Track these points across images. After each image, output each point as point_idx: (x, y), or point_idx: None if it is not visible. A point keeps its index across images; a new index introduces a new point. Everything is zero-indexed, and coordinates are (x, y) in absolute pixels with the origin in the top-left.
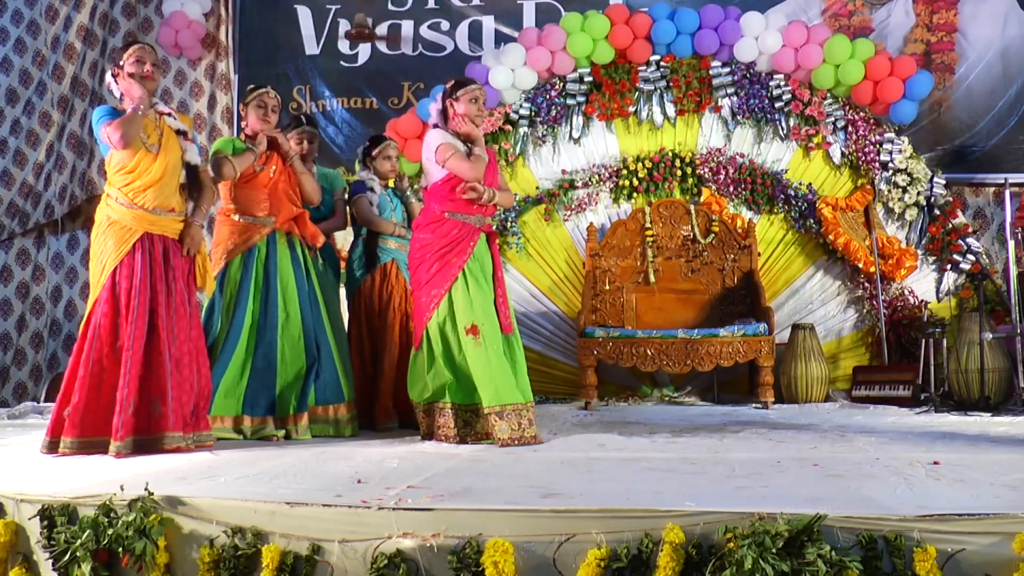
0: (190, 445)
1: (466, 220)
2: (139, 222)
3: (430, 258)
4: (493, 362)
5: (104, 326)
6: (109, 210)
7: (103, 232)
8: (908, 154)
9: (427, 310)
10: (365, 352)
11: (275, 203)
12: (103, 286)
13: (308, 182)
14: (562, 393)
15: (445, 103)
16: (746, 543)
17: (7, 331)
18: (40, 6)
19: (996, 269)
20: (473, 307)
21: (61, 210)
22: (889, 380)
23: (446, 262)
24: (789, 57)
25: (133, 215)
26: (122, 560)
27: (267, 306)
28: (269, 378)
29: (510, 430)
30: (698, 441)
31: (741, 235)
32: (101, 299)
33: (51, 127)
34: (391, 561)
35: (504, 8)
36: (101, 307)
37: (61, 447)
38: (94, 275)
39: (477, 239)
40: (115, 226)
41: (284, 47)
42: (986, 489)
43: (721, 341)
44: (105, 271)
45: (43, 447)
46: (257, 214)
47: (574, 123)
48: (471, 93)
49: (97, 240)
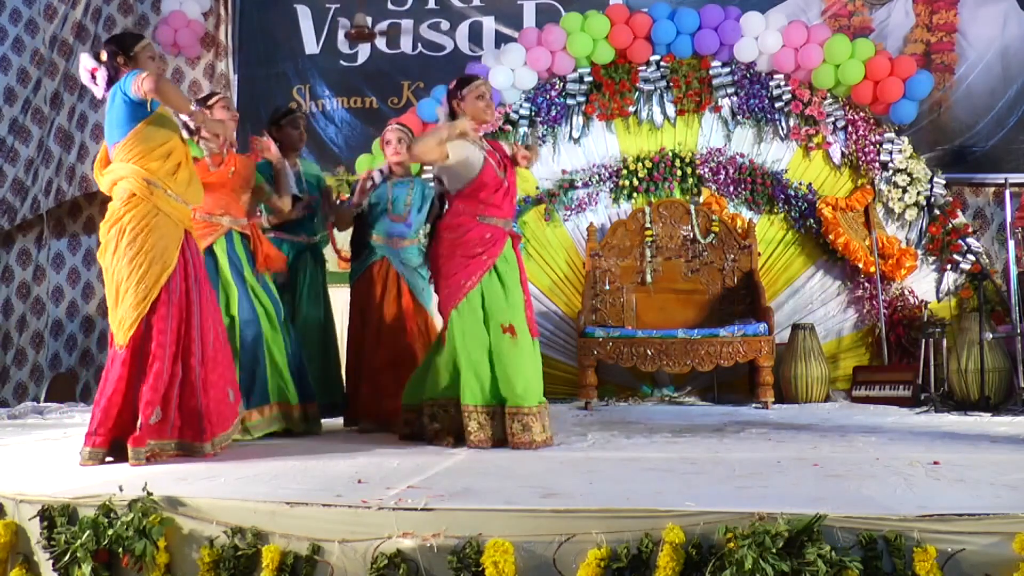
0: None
1: (496, 223)
2: (185, 218)
3: (460, 255)
4: (527, 362)
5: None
6: (158, 200)
7: (150, 226)
8: (908, 154)
9: (454, 299)
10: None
11: (229, 202)
12: (159, 292)
13: (284, 200)
14: (562, 393)
15: (451, 104)
16: (746, 543)
17: (8, 331)
18: (39, 5)
19: (996, 269)
20: (509, 305)
21: (47, 204)
22: (889, 380)
23: (477, 259)
24: (789, 57)
25: (180, 211)
26: (122, 560)
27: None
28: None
29: (542, 430)
30: (698, 441)
31: (741, 235)
32: (158, 307)
33: (44, 123)
34: (391, 561)
35: (504, 8)
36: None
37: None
38: (133, 277)
39: (506, 242)
40: (165, 221)
41: (284, 47)
42: (986, 489)
43: (721, 341)
44: (165, 273)
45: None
46: (214, 212)
47: (574, 123)
48: (476, 90)
49: (141, 235)
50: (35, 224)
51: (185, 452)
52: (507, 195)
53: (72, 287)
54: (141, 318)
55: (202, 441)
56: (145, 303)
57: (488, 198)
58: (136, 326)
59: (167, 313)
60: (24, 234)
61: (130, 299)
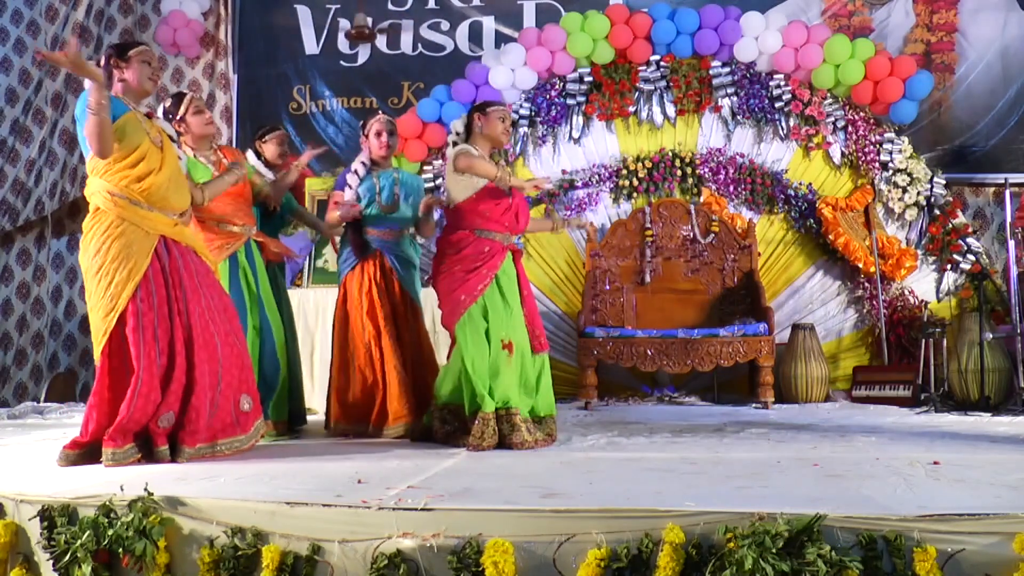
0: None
1: (494, 238)
2: (159, 226)
3: (458, 270)
4: (514, 380)
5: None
6: (123, 211)
7: (113, 237)
8: (908, 154)
9: (456, 314)
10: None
11: (244, 212)
12: (126, 304)
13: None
14: (562, 393)
15: (472, 117)
16: (746, 543)
17: (8, 331)
18: (40, 6)
19: (996, 269)
20: (509, 321)
21: (51, 206)
22: (889, 380)
23: (477, 273)
24: (789, 57)
25: (150, 219)
26: (122, 560)
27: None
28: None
29: (528, 432)
30: (698, 441)
31: (741, 235)
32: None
33: (44, 123)
34: (391, 561)
35: (504, 8)
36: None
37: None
38: (100, 289)
39: (505, 256)
40: (132, 232)
41: (284, 47)
42: (986, 489)
43: (721, 341)
44: (130, 283)
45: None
46: (233, 223)
47: (574, 123)
48: (500, 112)
49: (103, 248)
50: (35, 224)
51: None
52: (508, 211)
53: (71, 287)
54: (109, 331)
55: (184, 445)
56: (112, 316)
57: (488, 211)
58: (106, 339)
59: (138, 324)
60: (24, 234)
61: (100, 312)
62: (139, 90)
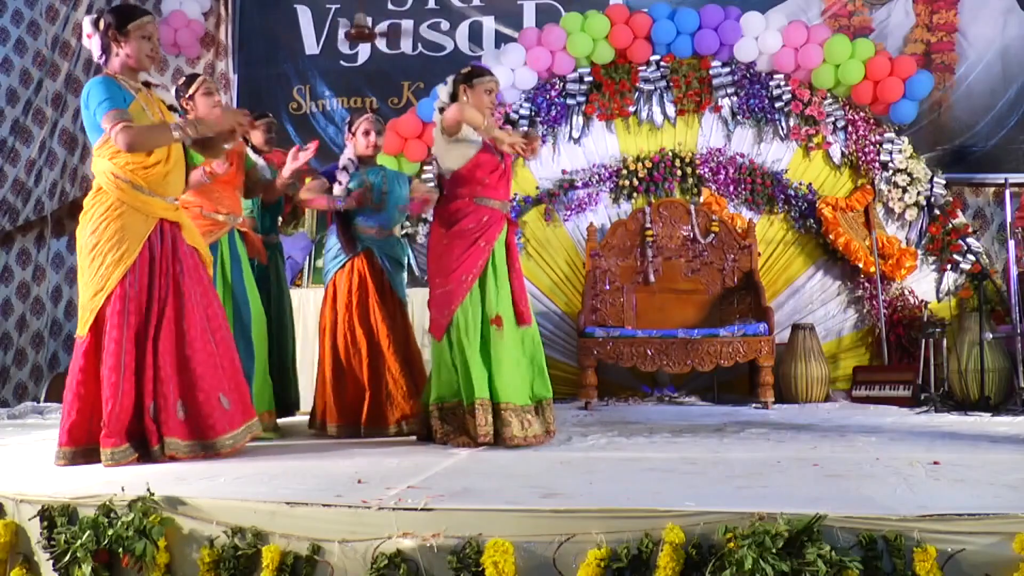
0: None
1: (492, 206)
2: (158, 211)
3: (457, 243)
4: (505, 358)
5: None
6: (123, 194)
7: (111, 219)
8: (908, 154)
9: (456, 298)
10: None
11: (232, 200)
12: (115, 286)
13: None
14: (562, 393)
15: (457, 88)
16: (746, 543)
17: (7, 331)
18: (40, 6)
19: (996, 269)
20: (498, 297)
21: (51, 206)
22: (889, 380)
23: (476, 247)
24: (789, 57)
25: (149, 204)
26: (122, 560)
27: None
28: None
29: (521, 427)
30: (698, 441)
31: (741, 235)
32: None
33: (44, 124)
34: (391, 561)
35: (504, 8)
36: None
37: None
38: (93, 268)
39: (503, 227)
40: (130, 215)
41: (284, 47)
42: (986, 489)
43: (721, 341)
44: (121, 266)
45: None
46: (219, 211)
47: (574, 123)
48: (487, 84)
49: (100, 227)
50: (35, 224)
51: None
52: (503, 177)
53: (71, 287)
54: (96, 310)
55: (152, 444)
56: (100, 295)
57: (485, 178)
58: (92, 317)
59: (123, 308)
60: (24, 234)
61: (89, 290)
62: (138, 67)
